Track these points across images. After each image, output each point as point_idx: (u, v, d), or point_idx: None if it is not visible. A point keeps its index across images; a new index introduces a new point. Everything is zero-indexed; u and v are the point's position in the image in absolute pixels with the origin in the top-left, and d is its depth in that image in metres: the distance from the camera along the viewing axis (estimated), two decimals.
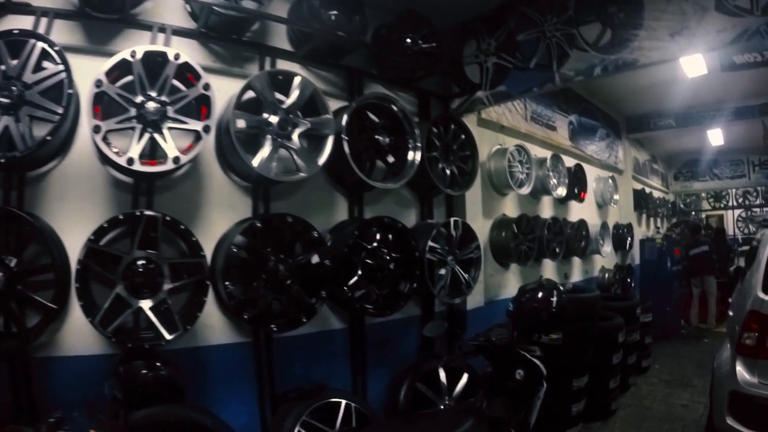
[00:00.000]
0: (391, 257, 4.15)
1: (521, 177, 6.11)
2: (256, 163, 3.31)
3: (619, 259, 9.89)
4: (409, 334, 4.71)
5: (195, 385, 3.28)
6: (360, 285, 3.94)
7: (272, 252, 3.48)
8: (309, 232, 3.68)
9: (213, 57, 3.57)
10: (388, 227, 4.22)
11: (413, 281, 4.26)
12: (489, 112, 5.84)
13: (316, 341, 3.98)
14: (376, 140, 4.14)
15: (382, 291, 4.11)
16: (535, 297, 3.49)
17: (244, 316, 3.36)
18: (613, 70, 4.19)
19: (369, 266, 3.99)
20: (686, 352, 8.72)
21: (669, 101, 9.11)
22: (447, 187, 4.73)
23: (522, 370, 3.28)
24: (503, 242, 5.85)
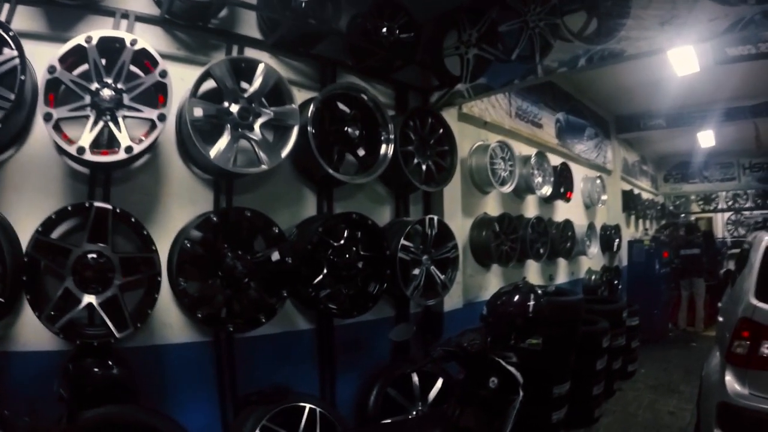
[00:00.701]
0: (360, 255, 3.99)
1: (504, 175, 5.88)
2: (213, 154, 3.14)
3: (606, 260, 9.72)
4: (381, 336, 4.37)
5: (152, 385, 3.17)
6: (325, 284, 3.78)
7: (229, 248, 3.32)
8: (269, 227, 3.49)
9: (177, 45, 3.40)
10: (357, 224, 4.04)
11: (383, 281, 4.10)
12: (471, 107, 5.61)
13: (282, 342, 3.82)
14: (346, 132, 3.96)
15: (350, 291, 3.96)
16: (511, 301, 3.28)
17: (198, 314, 3.21)
18: (599, 60, 3.98)
19: (335, 265, 3.84)
20: (673, 356, 8.54)
21: (659, 101, 8.90)
22: (422, 183, 4.55)
23: (496, 378, 3.09)
24: (484, 242, 5.62)
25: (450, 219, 4.98)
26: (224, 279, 3.27)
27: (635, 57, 3.91)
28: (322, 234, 3.75)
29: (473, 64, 4.74)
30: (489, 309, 3.33)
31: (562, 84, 7.89)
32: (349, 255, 3.90)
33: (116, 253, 2.86)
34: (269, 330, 3.57)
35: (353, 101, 4.07)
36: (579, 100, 8.61)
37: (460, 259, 5.01)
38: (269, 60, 3.62)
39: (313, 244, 3.68)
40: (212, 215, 3.29)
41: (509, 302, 3.26)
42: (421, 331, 4.73)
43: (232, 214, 3.39)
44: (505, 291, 3.38)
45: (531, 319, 3.21)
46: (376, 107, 4.12)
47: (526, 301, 3.23)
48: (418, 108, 4.79)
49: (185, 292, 3.18)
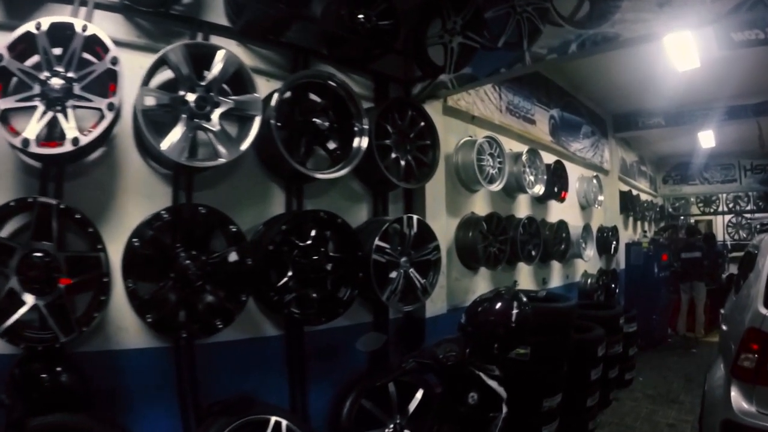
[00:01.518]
0: (329, 257, 3.70)
1: (492, 172, 5.54)
2: (164, 146, 2.90)
3: (603, 263, 9.40)
4: None
5: (108, 393, 2.97)
6: (291, 288, 3.50)
7: (183, 248, 3.07)
8: (226, 225, 3.22)
9: (138, 32, 3.16)
10: (325, 223, 3.73)
11: (356, 285, 3.83)
12: (457, 100, 5.30)
13: (248, 349, 3.56)
14: (313, 123, 3.66)
15: (319, 295, 3.65)
16: (492, 309, 2.99)
17: (148, 319, 2.98)
18: (591, 46, 3.64)
19: (301, 267, 3.54)
20: (673, 363, 8.20)
21: (658, 98, 8.58)
22: (401, 180, 4.27)
23: (476, 394, 2.85)
24: (470, 243, 5.28)
25: (433, 219, 4.68)
26: (177, 281, 3.02)
27: (631, 42, 3.58)
28: (286, 233, 3.49)
29: (458, 53, 4.45)
30: (468, 317, 3.08)
31: (557, 79, 7.57)
32: (316, 256, 3.62)
33: (62, 252, 2.67)
34: (234, 336, 3.37)
35: (326, 91, 3.80)
36: (574, 97, 8.28)
37: (444, 262, 4.73)
38: (236, 48, 3.44)
39: (275, 244, 3.41)
40: (163, 212, 3.06)
41: (490, 310, 2.98)
42: (401, 338, 4.53)
43: (185, 210, 3.13)
44: (486, 298, 3.11)
45: (514, 329, 2.93)
46: (347, 96, 3.83)
47: (508, 310, 2.94)
48: (397, 99, 4.49)
49: (135, 295, 2.96)
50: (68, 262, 2.68)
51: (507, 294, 3.04)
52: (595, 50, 3.73)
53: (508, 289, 3.18)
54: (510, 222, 6.04)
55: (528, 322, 2.96)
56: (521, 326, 2.92)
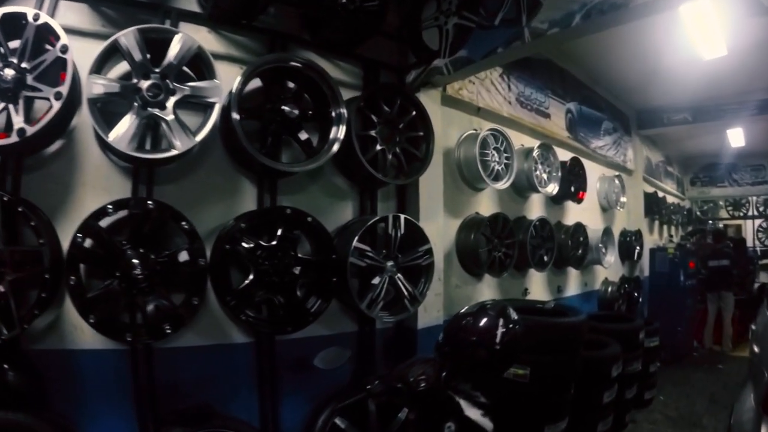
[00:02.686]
0: (298, 259, 3.38)
1: (498, 168, 5.02)
2: (112, 137, 2.72)
3: (626, 270, 8.77)
4: None
5: (64, 393, 2.86)
6: (252, 292, 3.23)
7: (130, 245, 2.85)
8: (177, 221, 2.97)
9: (103, 21, 3.00)
10: (294, 221, 3.35)
11: (329, 291, 3.51)
12: (458, 89, 4.81)
13: (213, 356, 3.30)
14: (282, 112, 3.33)
15: (286, 301, 3.35)
16: (473, 327, 2.55)
17: (90, 320, 2.74)
18: (597, 16, 3.09)
19: (265, 270, 3.24)
20: (697, 380, 7.53)
21: (684, 91, 7.94)
22: (386, 175, 3.86)
23: (453, 424, 2.47)
24: (472, 247, 4.78)
25: (428, 219, 4.24)
26: (122, 280, 2.79)
27: (642, 11, 3.00)
28: (246, 232, 3.18)
29: (453, 35, 4.01)
30: (446, 336, 2.65)
31: (573, 71, 7.00)
32: (282, 258, 3.28)
33: (7, 246, 2.58)
34: (197, 341, 3.19)
35: (298, 76, 3.46)
36: (593, 90, 7.68)
37: (440, 267, 4.32)
38: (207, 35, 3.29)
39: (233, 244, 3.13)
40: (108, 206, 2.82)
41: (471, 329, 2.53)
42: (390, 350, 4.16)
43: (132, 204, 2.88)
44: (467, 313, 2.65)
45: (499, 351, 2.48)
46: (319, 78, 3.46)
47: (493, 329, 2.48)
48: (383, 85, 4.08)
49: (77, 293, 2.74)
50: (13, 257, 2.57)
51: (493, 309, 2.57)
52: (602, 22, 3.19)
53: (495, 303, 2.70)
54: (520, 224, 5.53)
55: (517, 342, 2.52)
56: (508, 348, 2.47)
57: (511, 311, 2.57)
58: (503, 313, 2.52)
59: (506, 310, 2.57)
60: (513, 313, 2.57)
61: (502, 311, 2.54)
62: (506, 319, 2.49)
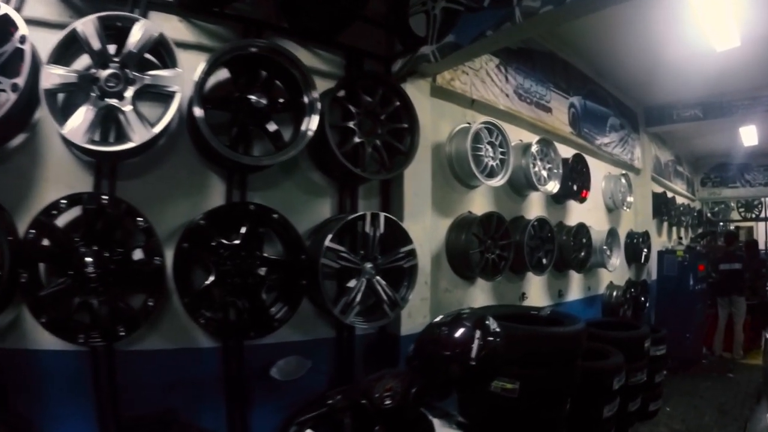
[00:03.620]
0: (264, 260, 3.16)
1: (492, 164, 4.69)
2: (66, 129, 2.56)
3: (632, 273, 8.43)
4: (316, 362, 3.60)
5: (25, 393, 2.76)
6: (213, 294, 3.03)
7: (83, 242, 2.72)
8: (132, 217, 2.81)
9: (71, 12, 2.86)
10: (258, 218, 3.13)
11: (297, 294, 3.26)
12: (450, 80, 4.50)
13: (178, 360, 3.12)
14: (249, 101, 3.11)
15: (250, 305, 3.12)
16: (447, 339, 2.25)
17: (41, 319, 2.61)
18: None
19: (226, 270, 3.04)
20: (706, 390, 7.16)
21: (695, 85, 7.56)
22: (365, 169, 3.58)
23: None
24: (462, 248, 4.45)
25: (414, 218, 3.96)
26: (75, 279, 2.66)
27: None
28: (205, 229, 2.96)
29: (441, 19, 3.73)
30: (416, 348, 2.33)
31: (578, 63, 6.66)
32: (246, 259, 3.07)
33: None
34: (161, 345, 3.03)
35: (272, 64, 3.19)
36: (599, 85, 7.34)
37: (428, 270, 4.05)
38: (179, 24, 3.13)
39: (191, 242, 2.93)
40: (62, 201, 2.71)
41: (445, 341, 2.25)
42: (371, 358, 3.89)
43: (85, 200, 2.74)
44: (441, 323, 2.34)
45: (474, 368, 2.17)
46: (292, 65, 3.19)
47: (468, 342, 2.18)
48: (364, 73, 3.78)
49: (28, 292, 2.61)
50: None
51: (469, 319, 2.26)
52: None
53: (472, 313, 2.39)
54: (517, 224, 5.20)
55: (496, 357, 2.21)
56: (485, 364, 2.17)
57: (490, 322, 2.26)
58: (481, 324, 2.22)
59: (484, 320, 2.26)
60: (493, 323, 2.26)
61: (480, 322, 2.24)
62: (484, 330, 2.19)
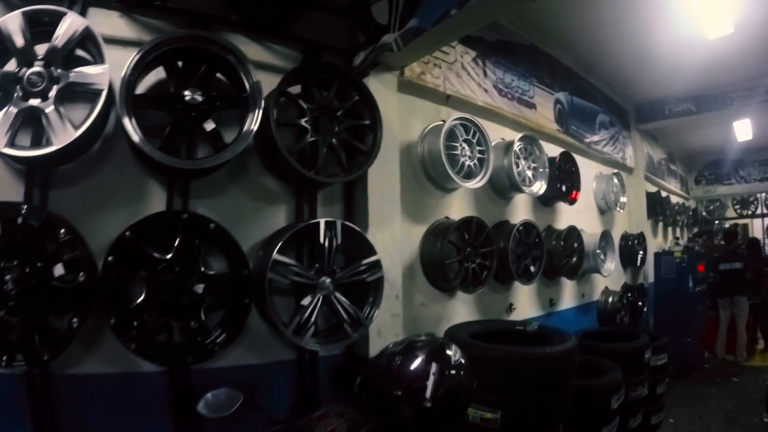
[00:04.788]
0: (203, 276, 2.80)
1: (469, 164, 4.27)
2: None
3: (628, 277, 8.00)
4: (274, 387, 3.31)
5: None
6: (145, 314, 2.70)
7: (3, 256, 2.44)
8: (55, 230, 2.52)
9: (8, 11, 2.56)
10: (193, 228, 2.79)
11: (240, 314, 2.91)
12: (423, 75, 4.10)
13: (120, 386, 2.83)
14: (182, 98, 2.77)
15: (188, 325, 2.77)
16: (398, 375, 1.82)
17: None
18: None
19: (158, 288, 2.71)
20: (710, 396, 6.74)
21: (685, 77, 7.17)
22: (318, 172, 3.19)
23: None
24: (437, 257, 4.02)
25: (380, 225, 3.55)
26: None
27: None
28: (132, 241, 2.62)
29: (403, 4, 3.34)
30: (362, 382, 1.89)
31: (562, 57, 6.27)
32: (180, 274, 2.73)
33: None
34: (100, 369, 2.74)
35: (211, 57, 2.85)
36: (586, 80, 6.95)
37: (398, 283, 3.66)
38: (119, 20, 2.90)
39: (117, 256, 2.59)
40: None
41: (395, 377, 1.81)
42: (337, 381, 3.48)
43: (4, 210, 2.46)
44: (394, 351, 1.91)
45: (429, 410, 1.72)
46: (226, 52, 2.83)
47: (421, 377, 1.75)
48: (316, 64, 3.39)
49: None
50: None
51: (424, 348, 1.83)
52: None
53: (430, 339, 1.96)
54: (501, 230, 4.78)
55: (459, 394, 1.79)
56: (444, 404, 1.76)
57: (452, 351, 1.85)
58: (439, 355, 1.80)
59: (444, 349, 1.84)
60: (455, 353, 1.85)
61: (438, 352, 1.82)
62: (443, 362, 1.78)
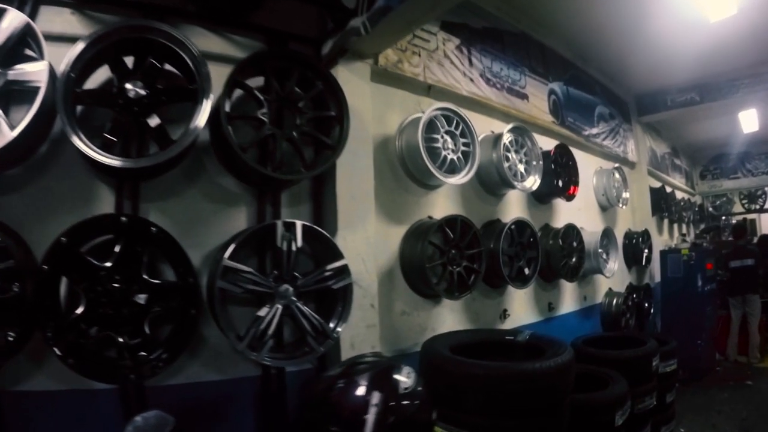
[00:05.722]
0: (146, 285, 2.54)
1: (452, 158, 3.92)
2: None
3: (633, 277, 7.64)
4: (237, 406, 3.01)
5: None
6: (84, 327, 2.43)
7: None
8: None
9: None
10: (133, 233, 2.53)
11: (187, 326, 2.62)
12: (399, 63, 3.78)
13: (73, 404, 2.58)
14: (123, 92, 2.52)
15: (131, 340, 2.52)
16: (335, 406, 1.47)
17: None
18: None
19: (97, 298, 2.45)
20: (723, 402, 6.33)
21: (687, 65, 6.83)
22: (275, 168, 2.86)
23: None
24: (418, 261, 3.66)
25: (351, 227, 3.23)
26: None
27: None
28: (68, 248, 2.38)
29: None
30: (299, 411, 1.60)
31: (556, 46, 5.92)
32: (119, 284, 2.48)
33: None
34: (48, 386, 2.52)
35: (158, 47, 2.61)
36: (583, 70, 6.59)
37: (374, 290, 3.31)
38: (71, 17, 2.67)
39: (54, 264, 2.35)
40: None
41: (332, 406, 1.45)
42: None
43: None
44: (333, 375, 1.58)
45: None
46: (172, 41, 2.59)
47: (358, 410, 1.41)
48: (273, 52, 3.06)
49: None
50: None
51: (365, 374, 1.49)
52: None
53: (375, 361, 1.62)
54: (491, 229, 4.43)
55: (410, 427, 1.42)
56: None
57: (401, 375, 1.50)
58: (381, 382, 1.47)
59: (388, 374, 1.50)
60: (406, 378, 1.51)
61: (381, 377, 1.49)
62: (387, 390, 1.45)
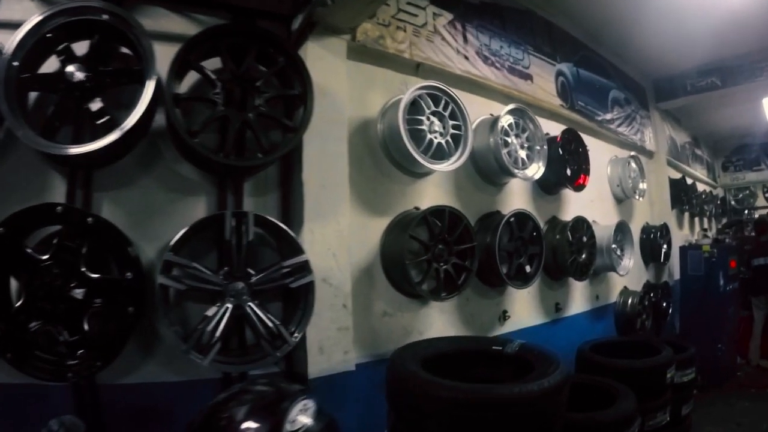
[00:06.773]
0: (81, 279, 2.39)
1: (439, 141, 3.55)
2: None
3: (651, 275, 7.19)
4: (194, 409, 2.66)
5: None
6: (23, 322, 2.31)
7: None
8: None
9: None
10: (69, 224, 2.38)
11: (122, 324, 2.45)
12: (381, 39, 3.45)
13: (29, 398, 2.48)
14: (62, 75, 2.40)
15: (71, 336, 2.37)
16: None
17: None
18: None
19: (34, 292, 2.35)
20: (744, 413, 5.81)
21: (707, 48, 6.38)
22: (229, 153, 2.66)
23: None
24: (398, 257, 3.32)
25: (321, 218, 2.94)
26: None
27: None
28: (7, 239, 2.28)
29: None
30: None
31: (565, 25, 5.52)
32: (58, 277, 2.35)
33: None
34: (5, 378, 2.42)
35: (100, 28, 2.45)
36: (595, 51, 6.17)
37: (347, 289, 3.04)
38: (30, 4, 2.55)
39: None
40: None
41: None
42: None
43: None
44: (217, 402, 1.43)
45: None
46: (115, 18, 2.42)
47: None
48: (225, 27, 2.77)
49: None
50: None
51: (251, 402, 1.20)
52: None
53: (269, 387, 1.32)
54: (488, 222, 4.06)
55: None
56: None
57: (296, 411, 1.18)
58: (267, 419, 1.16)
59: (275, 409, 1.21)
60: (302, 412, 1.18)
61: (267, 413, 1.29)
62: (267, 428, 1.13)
